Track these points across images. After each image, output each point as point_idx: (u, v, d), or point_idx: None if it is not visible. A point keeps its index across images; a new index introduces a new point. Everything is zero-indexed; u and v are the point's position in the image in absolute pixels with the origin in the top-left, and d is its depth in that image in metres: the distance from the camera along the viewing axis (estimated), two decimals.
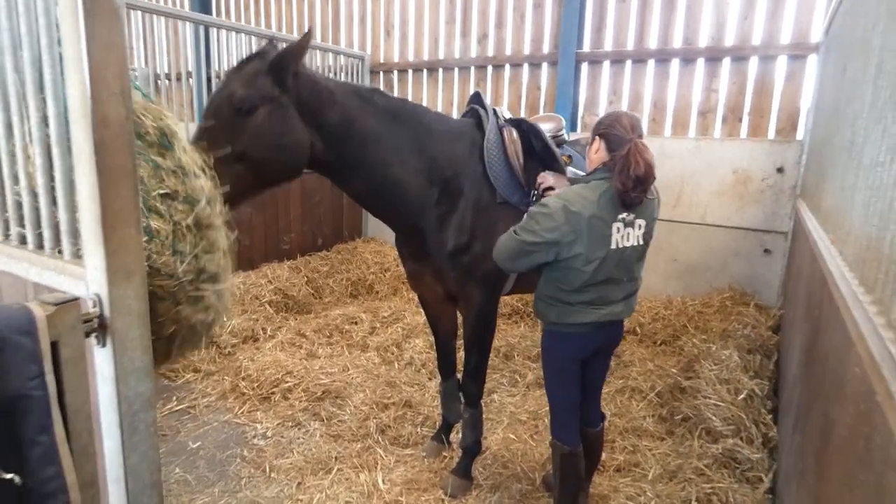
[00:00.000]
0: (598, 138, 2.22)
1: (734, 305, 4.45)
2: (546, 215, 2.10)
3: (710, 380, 3.16)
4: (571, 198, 2.12)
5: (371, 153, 2.39)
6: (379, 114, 2.43)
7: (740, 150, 4.78)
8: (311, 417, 3.54)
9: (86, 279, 1.23)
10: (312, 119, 2.25)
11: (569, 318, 2.24)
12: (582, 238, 2.09)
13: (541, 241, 2.11)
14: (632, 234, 2.20)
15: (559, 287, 2.22)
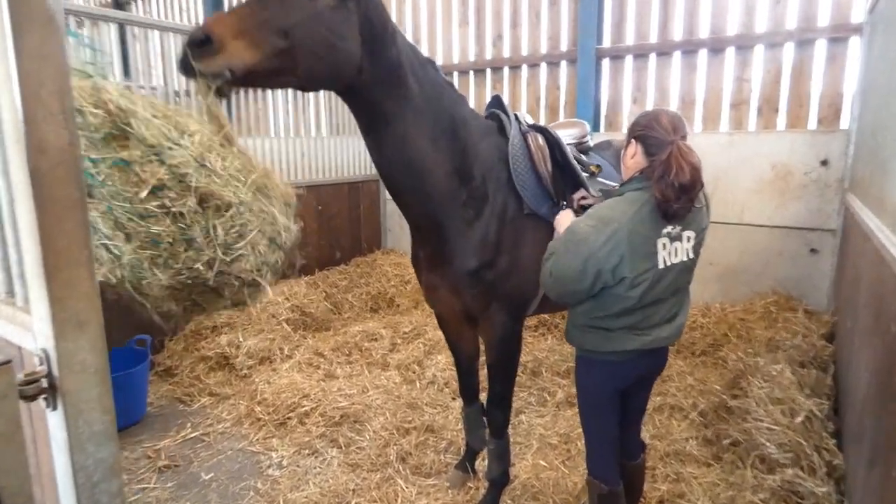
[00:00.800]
0: (633, 141, 1.96)
1: (780, 311, 4.12)
2: (577, 242, 1.86)
3: (761, 399, 2.86)
4: (605, 215, 1.87)
5: (410, 111, 2.16)
6: (427, 81, 2.22)
7: (778, 143, 4.46)
8: (329, 444, 3.35)
9: (33, 331, 1.05)
10: (370, 42, 2.02)
11: (607, 346, 1.97)
12: (626, 259, 1.83)
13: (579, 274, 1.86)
14: (680, 248, 1.93)
15: (597, 314, 1.96)
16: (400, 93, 2.13)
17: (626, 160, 2.02)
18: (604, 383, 2.06)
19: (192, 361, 4.29)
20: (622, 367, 2.03)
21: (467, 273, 2.32)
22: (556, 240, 2.04)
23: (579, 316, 2.03)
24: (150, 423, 3.71)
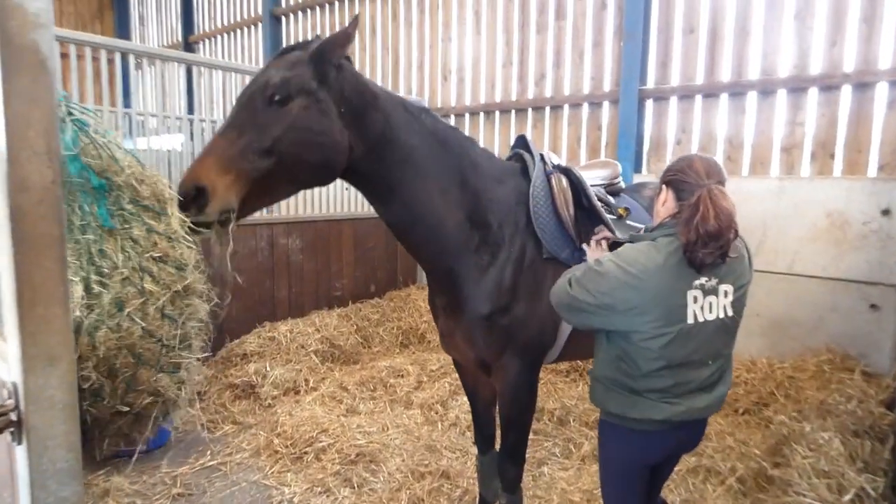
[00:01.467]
0: (665, 187, 1.85)
1: (834, 371, 3.80)
2: (599, 274, 1.75)
3: (805, 470, 2.60)
4: (631, 258, 1.75)
5: (411, 173, 2.12)
6: (425, 133, 2.18)
7: (834, 190, 4.21)
8: (342, 483, 3.28)
9: (8, 363, 1.06)
10: (353, 120, 2.01)
11: (634, 412, 1.80)
12: (646, 309, 1.70)
13: (593, 302, 1.74)
14: (715, 303, 1.76)
15: (622, 368, 1.81)
16: (396, 157, 2.10)
17: (657, 206, 1.92)
18: (629, 456, 1.89)
19: (220, 388, 4.34)
20: (650, 440, 1.84)
21: (480, 319, 2.24)
22: (577, 266, 1.94)
23: (602, 369, 1.88)
24: (174, 448, 3.74)
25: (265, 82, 1.88)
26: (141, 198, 1.53)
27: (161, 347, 1.49)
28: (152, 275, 1.47)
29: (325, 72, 1.94)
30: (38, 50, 0.96)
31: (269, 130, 1.84)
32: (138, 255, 1.45)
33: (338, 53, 1.96)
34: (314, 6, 8.34)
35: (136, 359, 1.43)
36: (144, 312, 1.43)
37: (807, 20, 4.44)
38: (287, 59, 1.95)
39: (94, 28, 12.58)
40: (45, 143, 1.00)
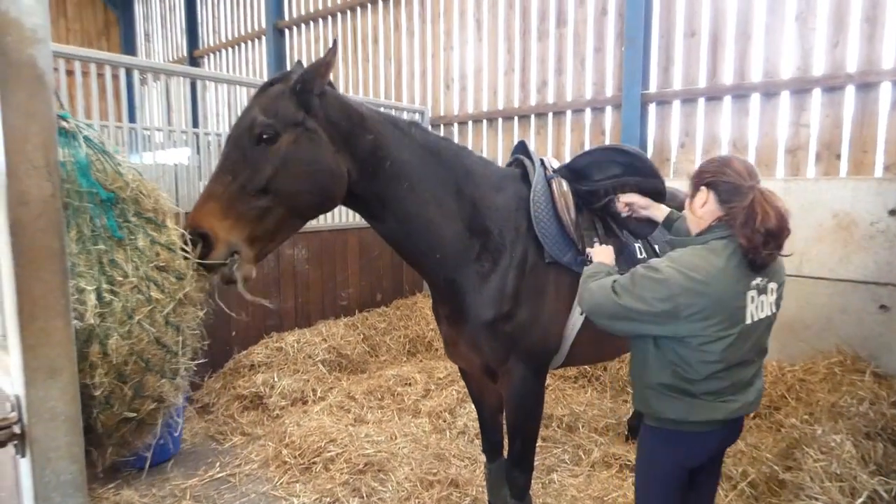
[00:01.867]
0: (704, 189, 1.83)
1: (844, 373, 3.76)
2: (658, 281, 1.71)
3: (817, 474, 2.57)
4: (692, 263, 1.72)
5: (404, 189, 2.14)
6: (416, 147, 2.19)
7: (840, 191, 4.18)
8: (351, 493, 3.27)
9: (10, 376, 1.07)
10: (345, 144, 2.02)
11: (692, 415, 1.79)
12: (711, 314, 1.69)
13: (648, 310, 1.71)
14: (765, 302, 1.80)
15: (677, 373, 1.79)
16: (389, 174, 2.11)
17: (694, 209, 1.88)
18: (679, 459, 1.88)
19: (228, 399, 4.35)
20: (702, 441, 1.85)
21: (484, 325, 2.24)
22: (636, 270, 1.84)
23: (656, 377, 1.84)
24: (183, 460, 3.74)
25: (251, 122, 1.89)
26: (144, 210, 1.57)
27: (166, 353, 1.54)
28: (157, 283, 1.51)
29: (309, 101, 1.96)
30: (35, 65, 0.97)
31: (262, 170, 1.86)
32: (144, 265, 1.49)
33: (318, 83, 1.97)
34: (317, 18, 8.42)
35: (144, 365, 1.47)
36: (153, 319, 1.48)
37: (808, 21, 4.43)
38: (269, 95, 1.96)
39: (101, 45, 12.75)
40: (43, 157, 1.01)
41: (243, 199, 1.83)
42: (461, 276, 2.26)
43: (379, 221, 2.22)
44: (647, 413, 1.91)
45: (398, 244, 2.29)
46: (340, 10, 8.04)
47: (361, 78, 7.93)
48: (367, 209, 2.20)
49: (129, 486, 3.27)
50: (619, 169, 2.47)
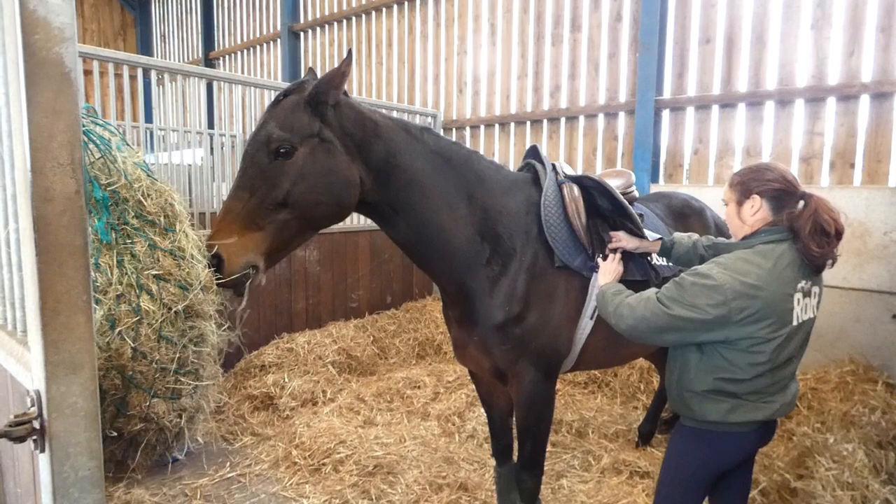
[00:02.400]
0: (756, 198, 1.86)
1: (857, 382, 3.73)
2: (710, 288, 1.73)
3: (829, 482, 2.55)
4: (743, 268, 1.75)
5: (416, 195, 2.15)
6: (427, 153, 2.21)
7: (854, 200, 4.15)
8: (360, 495, 3.27)
9: (31, 372, 1.08)
10: (359, 153, 2.04)
11: (733, 416, 1.81)
12: (763, 316, 1.73)
13: (704, 318, 1.73)
14: (809, 304, 1.85)
15: (723, 377, 1.81)
16: (401, 181, 2.12)
17: (744, 217, 1.91)
18: (712, 462, 1.90)
19: (239, 400, 4.37)
20: (740, 443, 1.87)
21: (494, 328, 2.25)
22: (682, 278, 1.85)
23: (699, 381, 1.85)
24: (194, 459, 3.76)
25: (267, 137, 1.90)
26: (146, 213, 1.50)
27: (156, 371, 1.43)
28: (150, 293, 1.41)
29: (324, 112, 1.97)
30: (62, 63, 0.99)
31: (280, 184, 1.87)
32: (136, 272, 1.40)
33: (334, 94, 1.98)
34: (332, 22, 8.48)
35: (126, 381, 1.37)
36: (137, 332, 1.38)
37: (824, 30, 4.41)
38: (284, 108, 1.96)
39: (117, 45, 12.92)
40: (68, 155, 1.02)
41: (262, 213, 1.84)
42: (471, 280, 2.27)
43: (391, 227, 2.24)
44: (690, 415, 1.93)
45: (410, 249, 2.31)
46: (355, 14, 8.09)
47: (375, 81, 7.97)
48: (379, 216, 2.22)
49: (140, 485, 3.29)
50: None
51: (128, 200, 1.45)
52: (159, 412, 1.41)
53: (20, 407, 1.12)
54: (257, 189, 1.85)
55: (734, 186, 1.94)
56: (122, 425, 1.37)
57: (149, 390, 1.39)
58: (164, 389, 1.42)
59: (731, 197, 1.97)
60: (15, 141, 1.01)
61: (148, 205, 1.47)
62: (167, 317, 1.42)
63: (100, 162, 1.41)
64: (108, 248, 1.40)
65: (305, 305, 5.26)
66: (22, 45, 0.93)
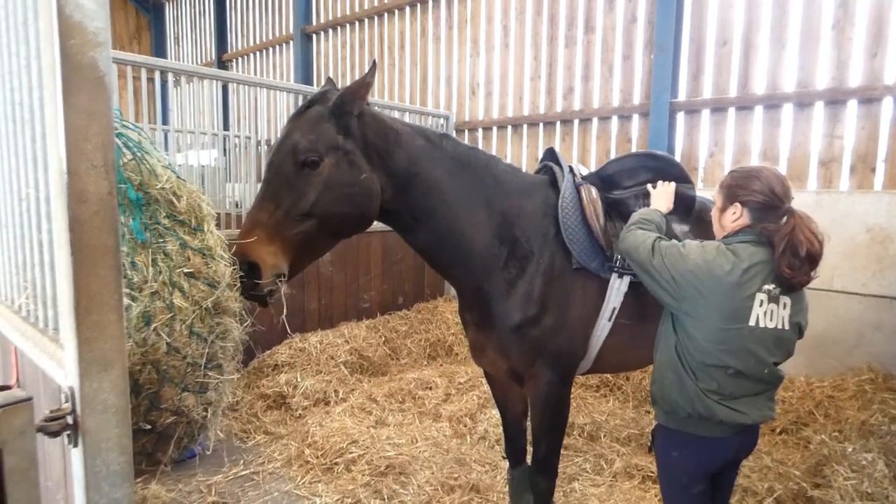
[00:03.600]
0: (738, 206, 1.88)
1: (876, 391, 3.68)
2: (681, 256, 1.84)
3: (847, 492, 2.52)
4: (712, 254, 1.82)
5: (436, 202, 2.17)
6: (447, 160, 2.22)
7: (875, 205, 4.10)
8: (372, 495, 3.28)
9: (65, 368, 1.10)
10: (380, 162, 2.06)
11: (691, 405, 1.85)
12: (713, 303, 1.77)
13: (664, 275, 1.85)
14: (776, 312, 1.81)
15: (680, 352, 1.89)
16: (421, 189, 2.14)
17: (724, 223, 1.95)
18: (694, 466, 1.92)
19: (252, 398, 4.40)
20: (713, 447, 1.89)
21: (511, 330, 2.25)
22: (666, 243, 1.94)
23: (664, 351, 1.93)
24: (208, 457, 3.79)
25: (293, 147, 1.91)
26: (177, 212, 1.53)
27: (187, 366, 1.47)
28: (182, 290, 1.45)
29: (348, 123, 1.98)
30: (96, 67, 1.00)
31: (306, 195, 1.89)
32: (169, 270, 1.43)
33: (358, 104, 2.00)
34: (344, 24, 8.52)
35: (160, 375, 1.40)
36: (171, 328, 1.41)
37: (845, 30, 4.36)
38: (309, 118, 1.97)
39: (132, 48, 13.05)
40: (102, 157, 1.04)
41: (288, 224, 1.86)
42: (489, 284, 2.29)
43: (411, 234, 2.26)
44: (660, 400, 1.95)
45: (429, 255, 2.33)
46: (368, 16, 8.12)
47: (387, 83, 7.99)
48: (400, 224, 2.24)
49: (157, 481, 3.32)
50: (650, 175, 2.47)
51: (159, 201, 1.48)
52: (189, 405, 1.44)
53: (52, 403, 1.14)
54: (283, 200, 1.87)
55: (721, 189, 1.96)
56: (154, 418, 1.40)
57: (180, 384, 1.43)
58: (194, 383, 1.46)
59: (717, 199, 1.99)
60: (50, 143, 1.03)
61: (179, 205, 1.50)
62: (198, 313, 1.45)
63: (132, 163, 1.44)
64: (143, 247, 1.43)
65: (318, 306, 5.28)
66: (59, 50, 0.95)
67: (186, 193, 1.52)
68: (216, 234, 1.58)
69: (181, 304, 1.41)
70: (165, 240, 1.43)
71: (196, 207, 1.52)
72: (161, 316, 1.40)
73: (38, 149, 1.15)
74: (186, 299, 1.43)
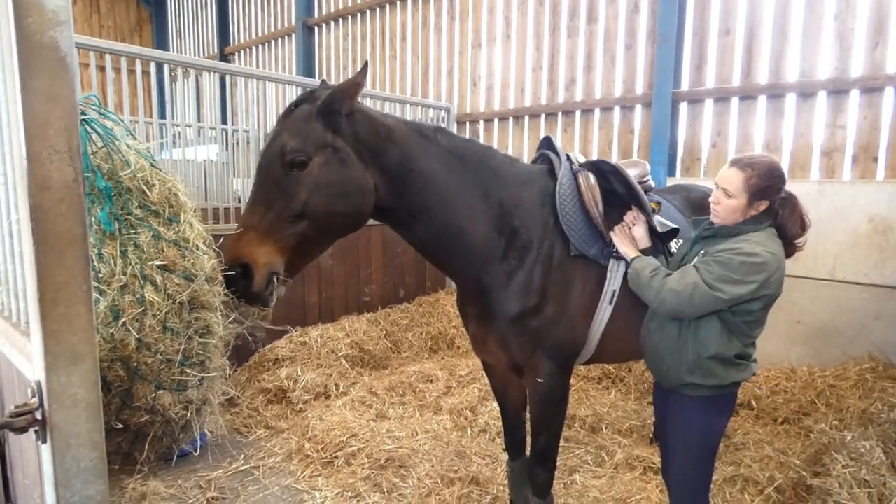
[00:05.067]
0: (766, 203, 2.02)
1: (877, 380, 3.65)
2: (759, 265, 1.91)
3: (845, 479, 2.50)
4: (774, 246, 1.99)
5: (433, 197, 2.14)
6: (442, 154, 2.20)
7: (877, 194, 4.04)
8: (372, 488, 3.28)
9: (32, 362, 1.08)
10: (373, 160, 2.03)
11: (741, 376, 2.06)
12: (779, 286, 1.98)
13: (750, 289, 1.91)
14: None
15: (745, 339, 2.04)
16: (417, 184, 2.11)
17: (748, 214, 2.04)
18: (725, 422, 2.18)
19: (253, 393, 4.40)
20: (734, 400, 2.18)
21: (511, 320, 2.24)
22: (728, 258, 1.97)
23: (728, 348, 2.00)
24: (209, 452, 3.79)
25: (281, 149, 1.90)
26: (150, 202, 1.48)
27: (161, 362, 1.42)
28: (155, 284, 1.40)
29: (337, 122, 1.96)
30: (57, 47, 0.96)
31: (297, 196, 1.87)
32: (140, 263, 1.38)
33: (347, 104, 1.98)
34: (346, 16, 8.46)
35: (131, 372, 1.35)
36: (142, 324, 1.36)
37: (848, 21, 4.30)
38: (296, 118, 1.96)
39: (133, 41, 13.03)
40: (65, 142, 1.00)
41: (280, 226, 1.85)
42: (488, 276, 2.27)
43: (408, 230, 2.24)
44: (710, 383, 2.02)
45: (427, 250, 2.32)
46: (369, 8, 8.06)
47: (389, 75, 7.94)
48: (396, 220, 2.22)
49: (156, 477, 3.33)
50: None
51: (131, 190, 1.43)
52: (165, 404, 1.39)
53: (26, 398, 1.12)
54: (274, 202, 1.86)
55: (749, 188, 1.97)
56: (127, 417, 1.35)
57: (154, 382, 1.38)
58: (170, 381, 1.41)
59: (741, 194, 1.98)
60: (11, 128, 1.00)
61: (151, 195, 1.45)
62: (172, 308, 1.40)
63: (102, 151, 1.39)
64: (111, 238, 1.38)
65: (319, 299, 5.27)
66: (15, 29, 0.92)
67: (160, 182, 1.46)
68: (195, 226, 1.53)
69: (153, 299, 1.36)
70: (137, 231, 1.38)
71: (171, 197, 1.46)
72: (130, 311, 1.35)
73: (4, 136, 1.12)
74: (159, 293, 1.38)
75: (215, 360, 1.55)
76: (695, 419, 2.09)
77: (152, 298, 1.37)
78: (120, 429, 1.36)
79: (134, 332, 1.35)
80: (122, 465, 1.44)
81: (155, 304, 1.38)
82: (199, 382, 1.46)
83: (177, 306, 1.42)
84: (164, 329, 1.39)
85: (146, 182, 1.45)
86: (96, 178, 1.35)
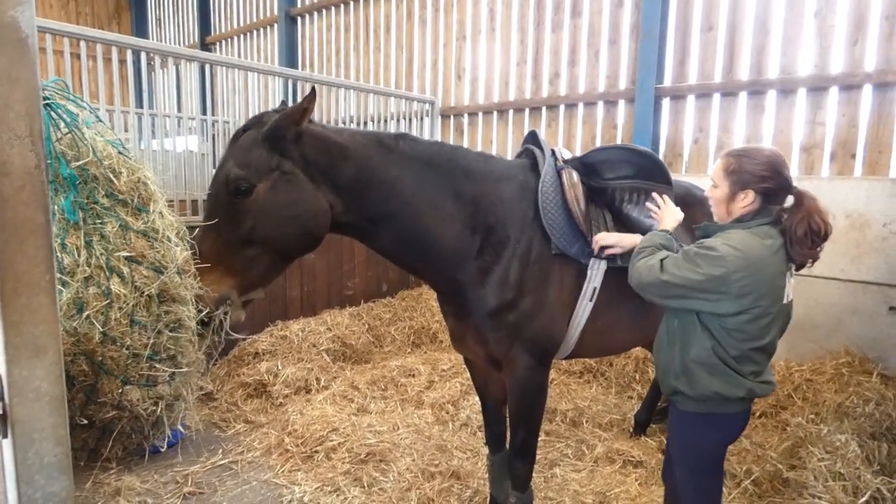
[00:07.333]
0: (750, 193, 1.87)
1: (852, 374, 3.71)
2: (714, 258, 1.78)
3: (821, 472, 2.54)
4: (746, 242, 1.80)
5: (398, 204, 2.13)
6: (405, 161, 2.18)
7: (854, 191, 4.10)
8: (352, 482, 3.25)
9: None
10: (325, 179, 2.02)
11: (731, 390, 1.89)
12: (760, 291, 1.79)
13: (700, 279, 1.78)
14: (789, 287, 1.92)
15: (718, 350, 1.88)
16: (378, 195, 2.10)
17: (732, 208, 1.93)
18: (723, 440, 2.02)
19: (232, 387, 4.35)
20: (736, 421, 1.98)
21: (487, 315, 2.23)
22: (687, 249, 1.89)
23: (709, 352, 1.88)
24: (186, 446, 3.74)
25: (225, 177, 1.88)
26: (117, 191, 1.43)
27: (128, 357, 1.37)
28: (121, 276, 1.35)
29: (284, 147, 1.94)
30: (17, 28, 0.93)
31: (243, 222, 1.86)
32: (106, 253, 1.34)
33: (293, 130, 1.95)
34: (329, 6, 8.37)
35: (96, 367, 1.31)
36: (107, 316, 1.32)
37: (827, 18, 4.35)
38: (241, 145, 1.94)
39: (112, 29, 12.72)
40: (27, 126, 0.97)
41: (230, 252, 1.84)
42: (462, 274, 2.26)
43: (373, 240, 2.23)
44: (690, 392, 1.92)
45: (395, 256, 2.30)
46: None
47: (372, 67, 7.88)
48: (359, 232, 2.21)
49: (131, 472, 3.27)
50: (632, 170, 2.44)
51: (98, 179, 1.39)
52: (133, 400, 1.35)
53: None
54: (222, 229, 1.85)
55: (728, 175, 1.91)
56: (92, 413, 1.32)
57: (120, 377, 1.34)
58: (138, 376, 1.37)
59: (722, 183, 1.94)
60: None
61: (119, 183, 1.41)
62: (140, 301, 1.36)
63: (67, 138, 1.34)
64: (75, 227, 1.33)
65: (300, 293, 5.22)
66: None
67: (128, 170, 1.41)
68: (167, 216, 1.50)
69: (119, 291, 1.32)
70: (104, 221, 1.34)
71: (140, 186, 1.42)
72: (95, 303, 1.30)
73: None
74: (126, 285, 1.33)
75: (188, 355, 1.51)
76: (682, 433, 2.05)
77: (118, 291, 1.33)
78: (85, 425, 1.32)
79: (98, 325, 1.31)
80: (87, 462, 1.39)
81: (121, 296, 1.33)
82: (171, 377, 1.42)
83: (145, 299, 1.38)
84: (132, 322, 1.35)
85: (113, 170, 1.41)
86: (60, 166, 1.30)
